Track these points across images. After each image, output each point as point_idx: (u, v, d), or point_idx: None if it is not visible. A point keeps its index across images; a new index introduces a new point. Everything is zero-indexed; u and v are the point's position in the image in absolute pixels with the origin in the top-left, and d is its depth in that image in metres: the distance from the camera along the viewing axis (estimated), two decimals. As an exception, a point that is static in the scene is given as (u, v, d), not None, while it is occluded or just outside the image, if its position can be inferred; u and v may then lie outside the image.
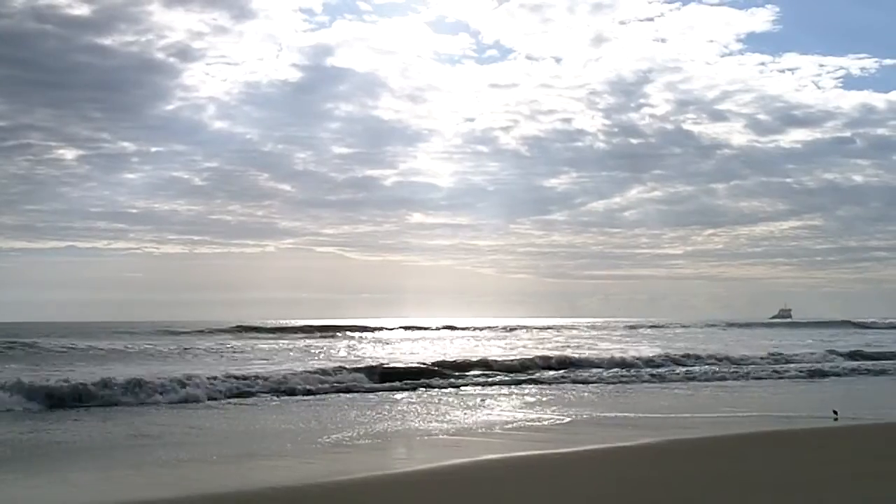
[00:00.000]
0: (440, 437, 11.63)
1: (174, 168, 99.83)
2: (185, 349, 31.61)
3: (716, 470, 8.55)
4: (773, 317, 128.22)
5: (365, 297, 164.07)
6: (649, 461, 9.21)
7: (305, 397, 17.35)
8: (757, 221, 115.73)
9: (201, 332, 47.88)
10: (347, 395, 17.73)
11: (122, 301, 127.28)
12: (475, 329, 59.94)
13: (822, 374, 23.45)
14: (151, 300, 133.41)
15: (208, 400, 16.52)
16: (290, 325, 54.94)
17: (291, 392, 17.76)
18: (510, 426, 12.51)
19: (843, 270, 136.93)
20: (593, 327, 69.89)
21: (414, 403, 15.98)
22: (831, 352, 30.60)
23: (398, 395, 17.76)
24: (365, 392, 18.39)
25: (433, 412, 14.39)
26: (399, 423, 13.05)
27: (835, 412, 13.11)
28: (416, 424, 12.83)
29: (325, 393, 18.08)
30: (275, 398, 16.96)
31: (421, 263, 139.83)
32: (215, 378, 18.00)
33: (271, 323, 62.43)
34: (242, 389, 17.56)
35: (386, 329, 56.89)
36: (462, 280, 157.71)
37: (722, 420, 13.52)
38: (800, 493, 7.31)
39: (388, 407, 15.27)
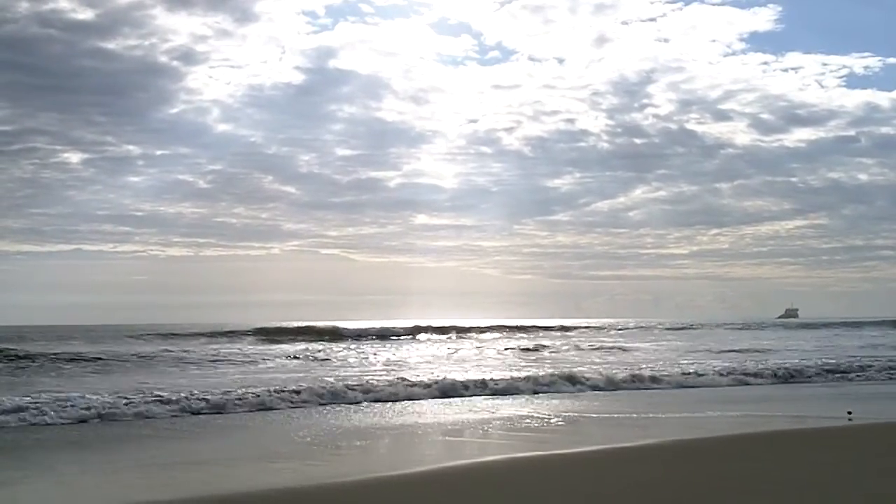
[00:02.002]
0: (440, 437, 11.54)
1: (179, 171, 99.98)
2: (293, 354, 31.10)
3: (722, 470, 8.44)
4: (780, 316, 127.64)
5: (370, 299, 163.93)
6: (654, 462, 9.08)
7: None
8: (762, 221, 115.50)
9: (248, 333, 46.66)
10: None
11: (128, 304, 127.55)
12: (535, 329, 58.01)
13: None
14: (158, 303, 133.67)
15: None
16: (343, 328, 50.62)
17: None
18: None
19: (849, 270, 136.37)
20: (640, 327, 69.27)
21: None
22: None
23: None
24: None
25: None
26: None
27: (849, 413, 12.83)
28: None
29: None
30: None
31: (426, 265, 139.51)
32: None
33: (317, 325, 55.48)
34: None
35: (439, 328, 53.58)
36: (467, 281, 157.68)
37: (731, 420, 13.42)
38: (806, 492, 7.18)
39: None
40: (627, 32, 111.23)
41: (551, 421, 13.06)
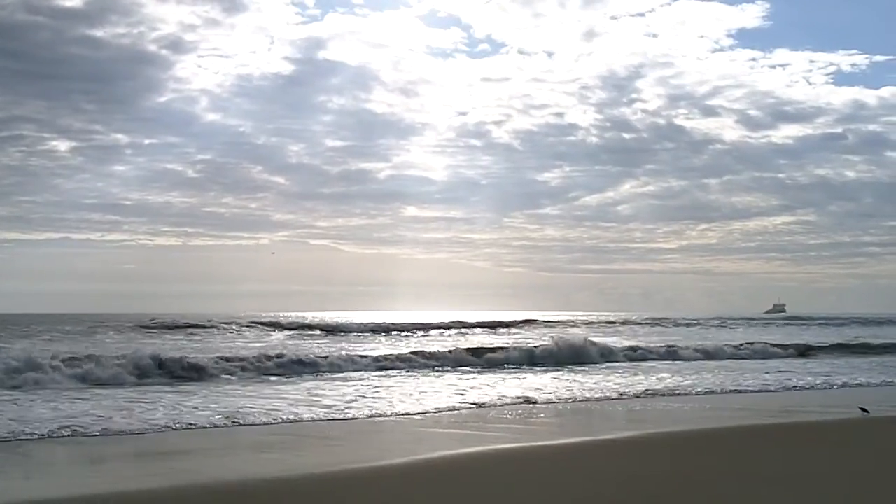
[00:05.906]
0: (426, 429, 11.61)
1: (167, 160, 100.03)
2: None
3: (713, 463, 8.55)
4: (768, 311, 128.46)
5: (360, 290, 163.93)
6: (639, 454, 9.19)
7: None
8: (750, 216, 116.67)
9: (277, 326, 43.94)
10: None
11: (116, 293, 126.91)
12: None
13: None
14: (146, 292, 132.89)
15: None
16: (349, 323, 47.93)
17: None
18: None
19: (836, 266, 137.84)
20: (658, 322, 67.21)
21: None
22: None
23: None
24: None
25: None
26: None
27: (864, 409, 12.26)
28: None
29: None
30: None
31: (416, 256, 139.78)
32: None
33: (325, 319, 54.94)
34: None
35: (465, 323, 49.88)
36: (457, 273, 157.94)
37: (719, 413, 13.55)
38: (799, 486, 7.30)
39: None
40: (616, 27, 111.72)
41: (537, 412, 13.17)
